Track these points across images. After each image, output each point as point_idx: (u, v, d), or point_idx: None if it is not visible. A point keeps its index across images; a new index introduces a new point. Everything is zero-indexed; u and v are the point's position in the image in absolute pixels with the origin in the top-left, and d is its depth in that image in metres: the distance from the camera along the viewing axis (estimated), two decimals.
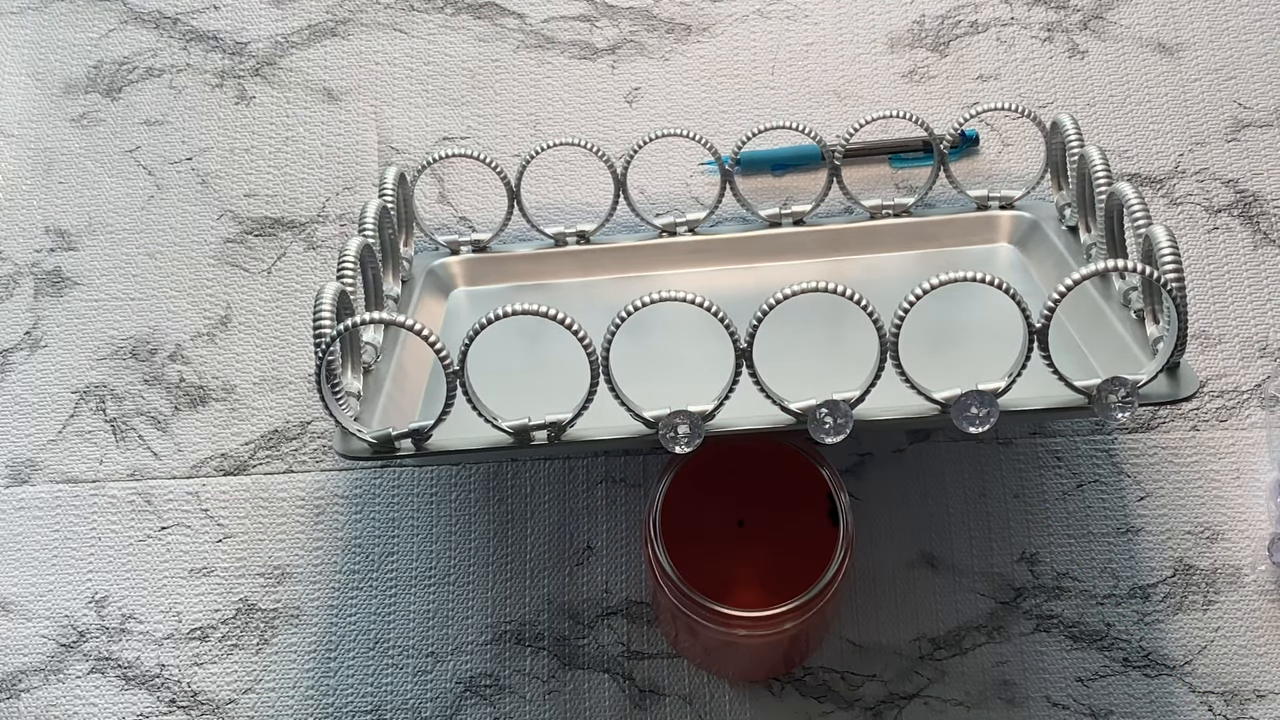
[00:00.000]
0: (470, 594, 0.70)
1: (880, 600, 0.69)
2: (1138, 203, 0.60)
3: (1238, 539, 0.69)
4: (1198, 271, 0.75)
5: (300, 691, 0.68)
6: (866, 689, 0.67)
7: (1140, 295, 0.63)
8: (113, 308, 0.77)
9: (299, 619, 0.70)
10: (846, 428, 0.56)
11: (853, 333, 0.58)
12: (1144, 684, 0.67)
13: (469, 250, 0.76)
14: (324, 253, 0.78)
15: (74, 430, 0.74)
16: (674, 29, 0.83)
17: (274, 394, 0.74)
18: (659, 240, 0.75)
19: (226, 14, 0.84)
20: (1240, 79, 0.80)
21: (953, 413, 0.56)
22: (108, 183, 0.80)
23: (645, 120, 0.81)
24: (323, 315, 0.58)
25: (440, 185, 0.80)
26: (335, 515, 0.72)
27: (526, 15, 0.84)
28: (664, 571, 0.58)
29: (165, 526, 0.72)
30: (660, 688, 0.67)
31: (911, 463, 0.71)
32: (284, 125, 0.81)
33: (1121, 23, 0.82)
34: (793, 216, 0.75)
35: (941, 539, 0.70)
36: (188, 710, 0.68)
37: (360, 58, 0.83)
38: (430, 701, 0.68)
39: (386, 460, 0.59)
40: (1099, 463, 0.71)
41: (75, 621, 0.70)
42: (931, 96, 0.80)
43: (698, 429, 0.57)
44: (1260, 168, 0.77)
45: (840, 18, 0.83)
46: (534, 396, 0.58)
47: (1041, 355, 0.55)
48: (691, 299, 0.55)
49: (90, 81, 0.83)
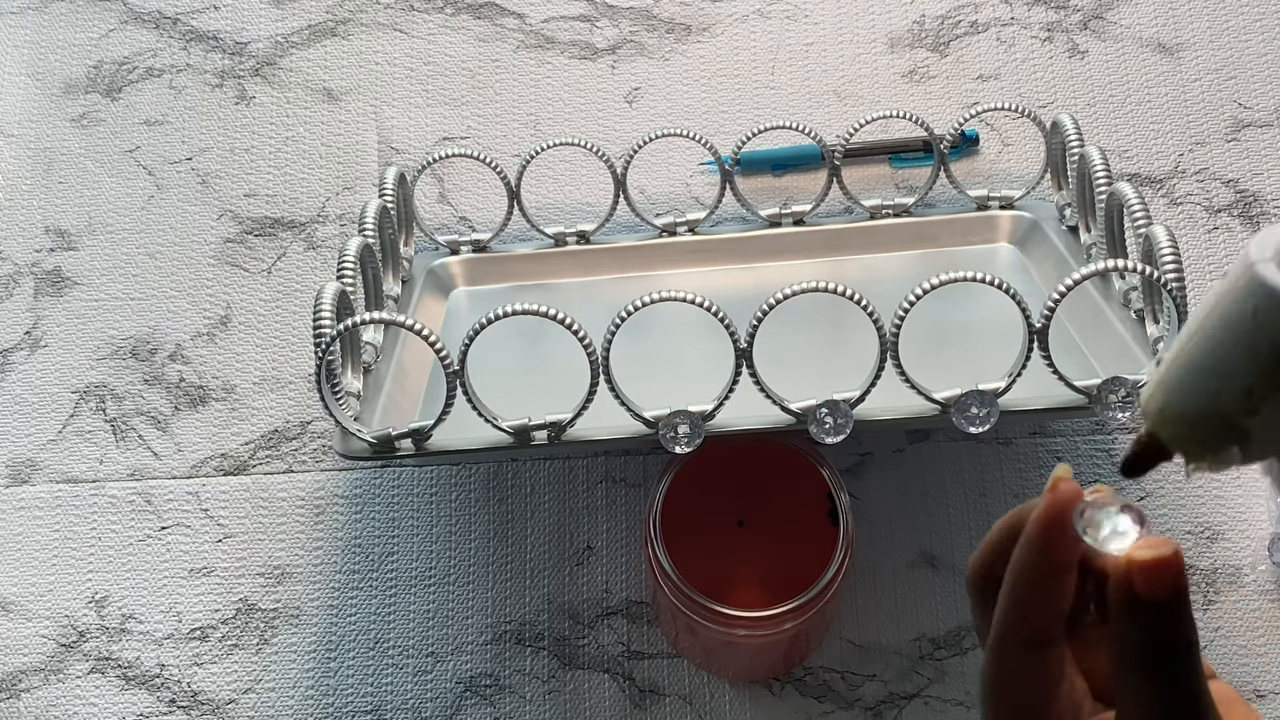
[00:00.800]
0: (470, 594, 0.70)
1: (880, 600, 0.69)
2: (1138, 203, 0.60)
3: (1238, 539, 0.69)
4: (1198, 271, 0.75)
5: (300, 691, 0.68)
6: (866, 689, 0.67)
7: (1140, 295, 0.63)
8: (113, 308, 0.77)
9: (299, 619, 0.70)
10: (846, 428, 0.56)
11: (853, 333, 0.58)
12: None
13: (469, 250, 0.76)
14: (324, 253, 0.78)
15: (74, 430, 0.74)
16: (674, 29, 0.83)
17: (274, 394, 0.74)
18: (659, 240, 0.75)
19: (226, 14, 0.84)
20: (1240, 79, 0.80)
21: (953, 413, 0.56)
22: (108, 183, 0.80)
23: (645, 120, 0.81)
24: (323, 315, 0.58)
25: (440, 185, 0.80)
26: (335, 515, 0.72)
27: (526, 15, 0.84)
28: (664, 571, 0.58)
29: (165, 526, 0.72)
30: (660, 688, 0.67)
31: (911, 463, 0.71)
32: (284, 125, 0.81)
33: (1121, 23, 0.82)
34: (793, 216, 0.75)
35: (941, 539, 0.69)
36: (188, 710, 0.68)
37: (360, 58, 0.83)
38: (430, 701, 0.68)
39: (386, 460, 0.59)
40: (1099, 463, 0.71)
41: (75, 621, 0.70)
42: (931, 96, 0.80)
43: (698, 429, 0.57)
44: (1260, 168, 0.77)
45: (840, 18, 0.83)
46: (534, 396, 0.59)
47: (1041, 355, 0.55)
48: (691, 299, 0.55)
49: (90, 81, 0.83)
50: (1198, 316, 0.33)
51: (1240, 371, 0.32)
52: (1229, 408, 0.32)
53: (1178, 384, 0.34)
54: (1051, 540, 0.35)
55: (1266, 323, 0.31)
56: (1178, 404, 0.34)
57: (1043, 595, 0.36)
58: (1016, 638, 0.36)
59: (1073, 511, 0.35)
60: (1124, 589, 0.34)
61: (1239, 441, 0.33)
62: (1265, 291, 0.31)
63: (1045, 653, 0.36)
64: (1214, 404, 0.33)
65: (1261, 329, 0.31)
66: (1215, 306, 0.32)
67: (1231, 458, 0.33)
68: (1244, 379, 0.32)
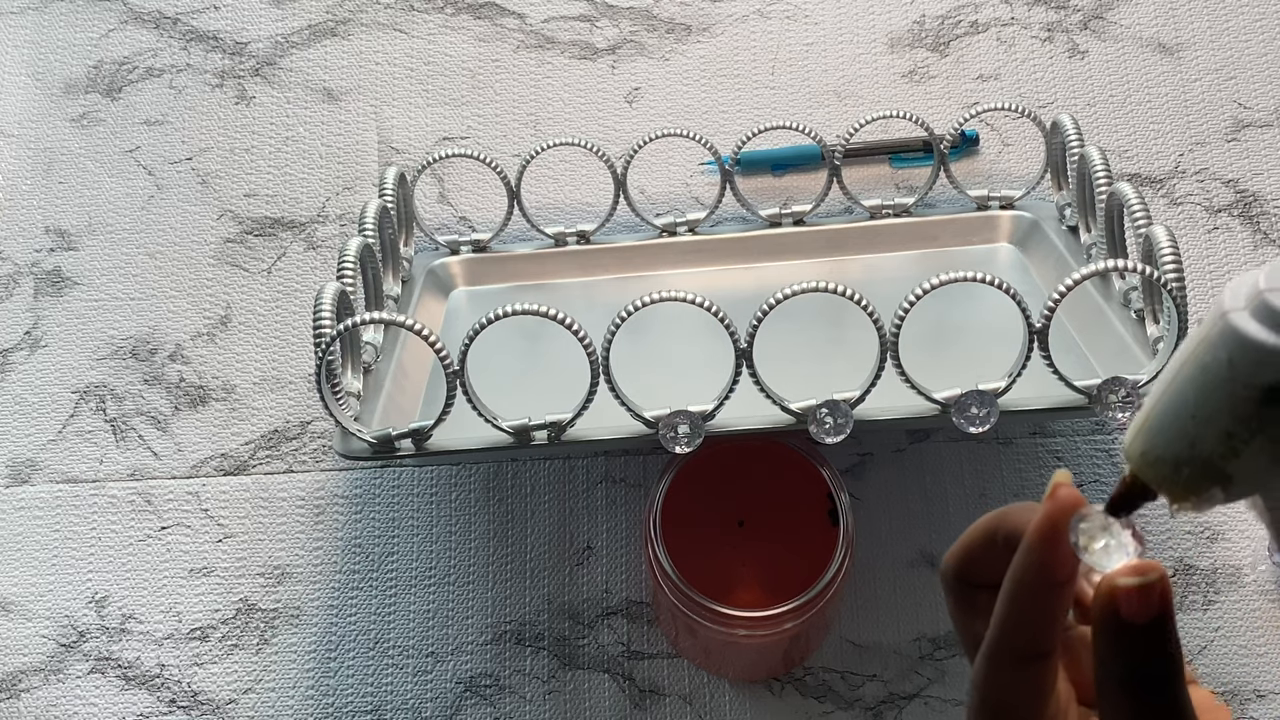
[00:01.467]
0: (470, 594, 0.70)
1: (880, 600, 0.69)
2: (1138, 203, 0.60)
3: (1238, 539, 0.69)
4: (1198, 271, 0.75)
5: (300, 691, 0.68)
6: (866, 689, 0.67)
7: (1140, 295, 0.63)
8: (113, 308, 0.77)
9: (299, 619, 0.70)
10: (846, 428, 0.56)
11: (853, 333, 0.58)
12: None
13: (469, 250, 0.76)
14: (324, 253, 0.78)
15: (74, 430, 0.74)
16: (674, 29, 0.83)
17: (274, 394, 0.74)
18: (659, 240, 0.75)
19: (226, 14, 0.84)
20: (1240, 79, 0.80)
21: (953, 413, 0.56)
22: (108, 183, 0.80)
23: (645, 120, 0.81)
24: (323, 315, 0.58)
25: (440, 185, 0.80)
26: (335, 515, 0.72)
27: (526, 15, 0.84)
28: (664, 571, 0.58)
29: (165, 526, 0.72)
30: (660, 688, 0.67)
31: (911, 463, 0.71)
32: (284, 125, 0.81)
33: (1121, 23, 0.82)
34: (793, 216, 0.75)
35: (941, 539, 0.69)
36: (188, 710, 0.68)
37: (360, 58, 0.83)
38: (430, 701, 0.68)
39: (386, 460, 0.59)
40: (1099, 463, 0.71)
41: (75, 621, 0.70)
42: (931, 96, 0.80)
43: (698, 429, 0.57)
44: (1260, 168, 0.77)
45: (840, 18, 0.83)
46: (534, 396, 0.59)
47: (1041, 355, 0.55)
48: (691, 299, 0.55)
49: (90, 81, 0.83)
50: (1176, 361, 0.34)
51: (1219, 417, 0.32)
52: (1209, 451, 0.33)
53: (1159, 428, 0.34)
54: (1051, 551, 0.34)
55: (1242, 370, 0.32)
56: (1159, 448, 0.34)
57: (1041, 608, 0.35)
58: (1012, 649, 0.36)
59: (1070, 519, 0.34)
60: (1108, 611, 0.33)
61: (1221, 483, 0.34)
62: (1239, 340, 0.31)
63: (1040, 664, 0.36)
64: (1194, 448, 0.33)
65: (1237, 376, 0.32)
66: (1193, 353, 0.33)
67: (1214, 498, 0.34)
68: (1223, 424, 0.32)
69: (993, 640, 0.36)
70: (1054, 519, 0.34)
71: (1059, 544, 0.34)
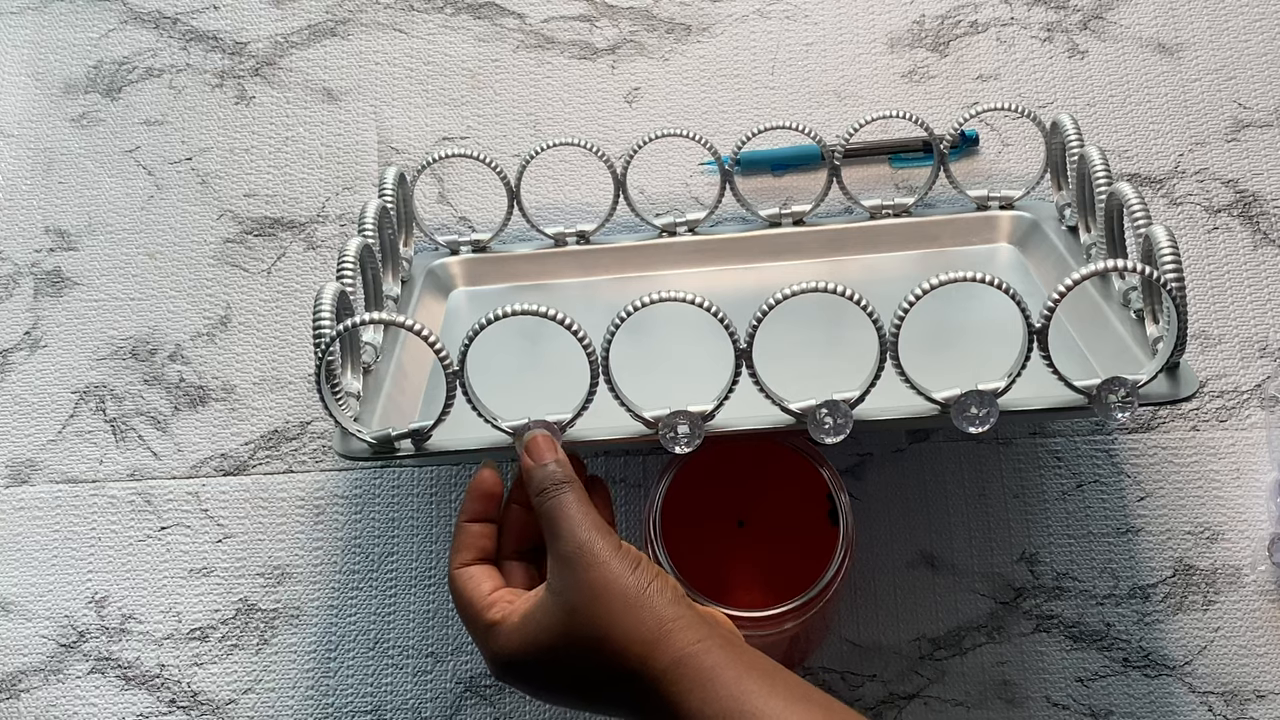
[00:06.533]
0: None
1: (880, 600, 0.69)
2: (1138, 203, 0.60)
3: (1238, 539, 0.69)
4: (1198, 271, 0.75)
5: (300, 691, 0.68)
6: (866, 689, 0.67)
7: (1140, 295, 0.63)
8: (113, 308, 0.77)
9: (299, 619, 0.70)
10: (846, 428, 0.56)
11: (853, 333, 0.58)
12: (1144, 684, 0.67)
13: (469, 250, 0.76)
14: (324, 253, 0.78)
15: (74, 430, 0.74)
16: (674, 29, 0.83)
17: (274, 394, 0.74)
18: (659, 240, 0.75)
19: (226, 14, 0.84)
20: (1240, 79, 0.80)
21: (953, 413, 0.56)
22: (108, 183, 0.80)
23: (645, 120, 0.81)
24: (322, 315, 0.58)
25: (440, 185, 0.80)
26: (335, 515, 0.72)
27: (526, 15, 0.84)
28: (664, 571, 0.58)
29: (165, 526, 0.72)
30: None
31: (911, 463, 0.71)
32: (284, 125, 0.81)
33: (1121, 23, 0.82)
34: (793, 216, 0.75)
35: (941, 539, 0.70)
36: (188, 710, 0.68)
37: (360, 58, 0.83)
38: (430, 701, 0.68)
39: (386, 460, 0.59)
40: (1099, 463, 0.71)
41: (75, 621, 0.70)
42: (931, 96, 0.80)
43: (698, 429, 0.57)
44: (1260, 168, 0.77)
45: (840, 18, 0.83)
46: (534, 396, 0.58)
47: (1041, 355, 0.55)
48: (691, 299, 0.55)
49: (90, 81, 0.83)
50: None
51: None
52: None
53: None
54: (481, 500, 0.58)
55: None
56: None
57: (481, 509, 0.58)
58: (469, 519, 0.57)
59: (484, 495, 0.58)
60: (525, 465, 0.56)
61: None
62: None
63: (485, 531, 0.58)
64: None
65: None
66: None
67: None
68: None
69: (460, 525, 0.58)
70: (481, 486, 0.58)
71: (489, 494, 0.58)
